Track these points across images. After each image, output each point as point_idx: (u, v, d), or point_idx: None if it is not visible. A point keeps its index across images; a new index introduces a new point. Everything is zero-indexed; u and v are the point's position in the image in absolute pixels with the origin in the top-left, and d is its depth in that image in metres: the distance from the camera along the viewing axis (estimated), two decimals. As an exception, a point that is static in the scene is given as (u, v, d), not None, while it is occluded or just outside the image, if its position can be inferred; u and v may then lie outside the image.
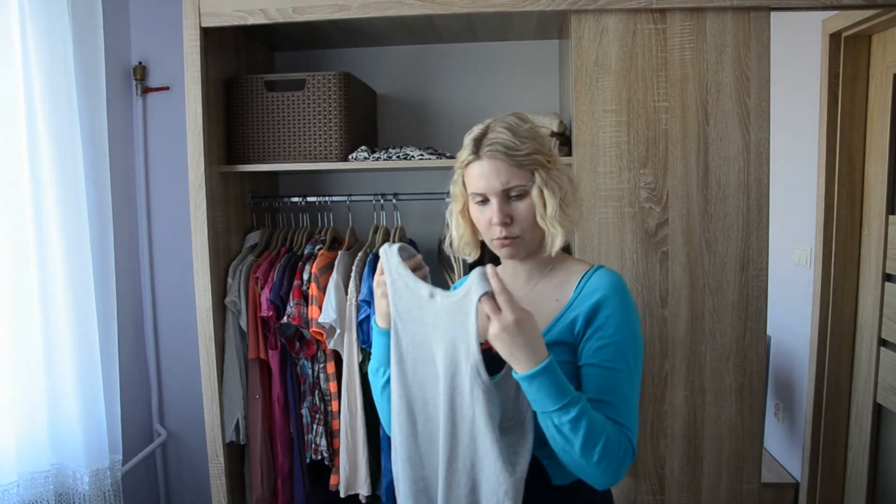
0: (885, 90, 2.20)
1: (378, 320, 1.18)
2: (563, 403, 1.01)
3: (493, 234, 1.17)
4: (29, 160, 1.79)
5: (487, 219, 1.16)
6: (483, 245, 1.28)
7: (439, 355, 1.08)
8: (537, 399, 1.02)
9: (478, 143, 1.16)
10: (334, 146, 1.96)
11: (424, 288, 1.10)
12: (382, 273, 1.14)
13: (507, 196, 1.15)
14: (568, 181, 1.18)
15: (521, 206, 1.15)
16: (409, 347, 1.12)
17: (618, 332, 1.10)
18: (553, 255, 1.19)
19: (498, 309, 1.00)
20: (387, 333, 1.16)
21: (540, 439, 1.11)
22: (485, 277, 1.01)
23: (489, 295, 1.01)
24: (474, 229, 1.24)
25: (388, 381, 1.17)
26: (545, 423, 1.03)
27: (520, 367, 1.01)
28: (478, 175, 1.15)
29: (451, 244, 1.29)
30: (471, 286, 1.02)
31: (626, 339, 1.11)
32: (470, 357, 1.03)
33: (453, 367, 1.06)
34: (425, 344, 1.10)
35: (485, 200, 1.16)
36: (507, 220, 1.15)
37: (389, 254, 1.13)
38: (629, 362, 1.10)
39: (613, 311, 1.12)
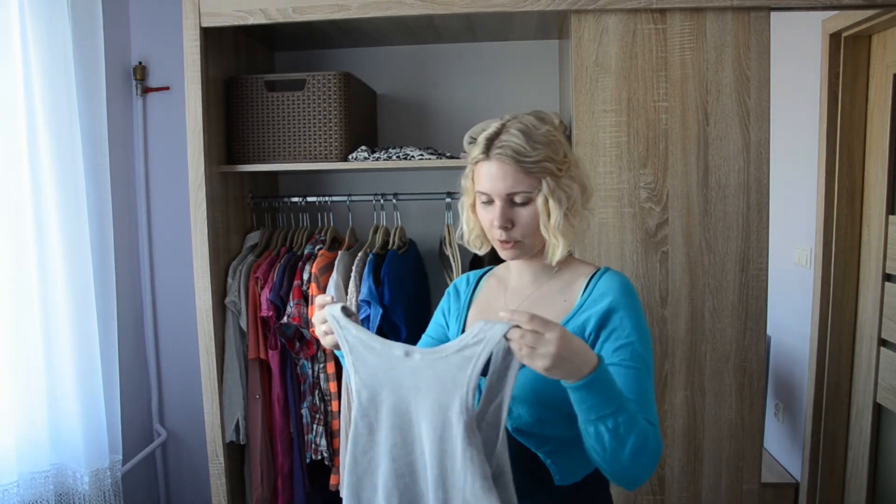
0: (885, 90, 2.20)
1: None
2: (619, 404, 0.99)
3: (494, 235, 1.18)
4: (29, 160, 1.79)
5: (490, 219, 1.16)
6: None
7: (423, 417, 0.99)
8: (594, 404, 0.97)
9: (490, 142, 1.15)
10: (334, 146, 1.96)
11: (398, 348, 1.01)
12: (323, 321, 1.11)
13: (510, 200, 1.14)
14: (580, 190, 1.17)
15: (523, 212, 1.14)
16: (379, 415, 1.03)
17: (632, 332, 1.11)
18: (553, 263, 1.19)
19: (536, 334, 0.94)
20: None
21: (543, 437, 1.11)
22: (501, 324, 0.95)
23: (514, 330, 0.94)
24: None
25: None
26: (594, 430, 0.99)
27: (577, 374, 0.96)
28: (485, 176, 1.15)
29: (461, 236, 1.28)
30: (479, 338, 0.95)
31: (640, 339, 1.11)
32: (464, 415, 0.95)
33: (441, 430, 0.97)
34: (400, 409, 1.02)
35: (490, 200, 1.16)
36: (508, 224, 1.14)
37: (336, 316, 1.06)
38: (645, 360, 1.11)
39: (627, 313, 1.12)
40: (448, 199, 2.07)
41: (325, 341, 1.12)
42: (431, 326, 1.34)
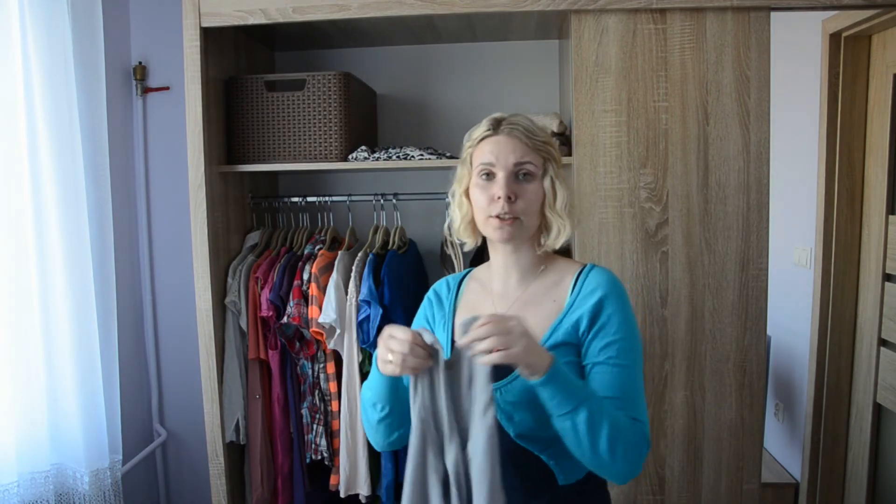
0: (885, 90, 2.20)
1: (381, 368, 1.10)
2: (583, 397, 1.02)
3: (491, 211, 1.15)
4: (29, 160, 1.79)
5: (490, 195, 1.15)
6: (480, 243, 1.27)
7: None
8: (560, 400, 1.01)
9: (497, 121, 1.18)
10: (334, 146, 1.96)
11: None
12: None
13: (515, 175, 1.15)
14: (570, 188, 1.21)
15: (528, 188, 1.15)
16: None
17: (620, 329, 1.11)
18: (556, 247, 1.19)
19: (502, 332, 0.98)
20: (388, 378, 1.11)
21: (546, 440, 1.11)
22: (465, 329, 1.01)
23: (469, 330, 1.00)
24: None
25: (386, 416, 1.15)
26: (566, 426, 1.02)
27: (538, 371, 1.00)
28: (490, 150, 1.16)
29: (449, 227, 1.27)
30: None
31: (628, 336, 1.12)
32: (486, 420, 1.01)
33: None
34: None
35: (490, 175, 1.16)
36: (512, 195, 1.14)
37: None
38: (633, 357, 1.11)
39: (615, 310, 1.12)
40: (448, 199, 2.07)
41: (388, 370, 1.06)
42: None
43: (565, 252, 1.27)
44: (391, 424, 1.16)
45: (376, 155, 1.96)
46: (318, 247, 2.06)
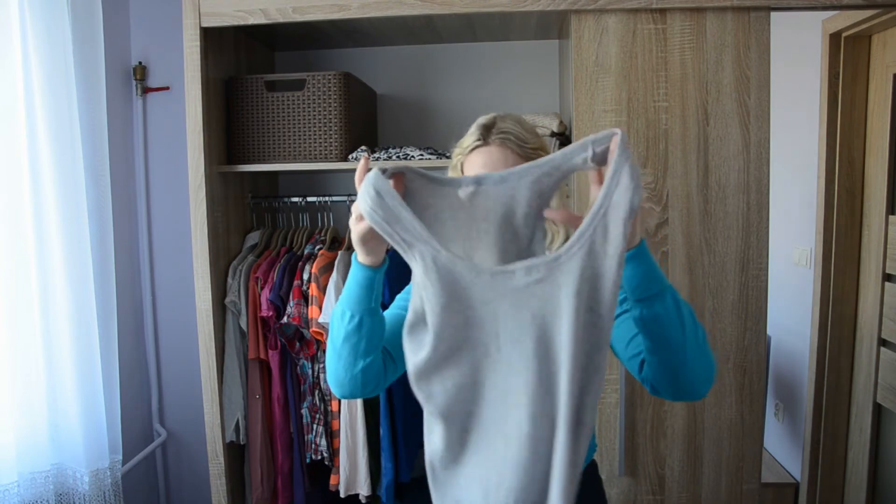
0: (885, 90, 2.20)
1: (360, 256, 1.02)
2: (665, 279, 0.96)
3: None
4: (29, 160, 1.79)
5: None
6: None
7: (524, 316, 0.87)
8: (653, 276, 0.93)
9: (487, 129, 1.14)
10: (334, 146, 1.96)
11: (454, 187, 0.89)
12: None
13: None
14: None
15: None
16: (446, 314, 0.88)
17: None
18: (553, 251, 1.18)
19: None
20: (368, 269, 1.01)
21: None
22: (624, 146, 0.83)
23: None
24: None
25: (359, 325, 1.02)
26: (654, 310, 0.93)
27: (638, 239, 0.93)
28: (483, 162, 1.13)
29: None
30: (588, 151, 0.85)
31: None
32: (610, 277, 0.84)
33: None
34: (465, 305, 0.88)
35: None
36: None
37: (376, 181, 0.86)
38: None
39: None
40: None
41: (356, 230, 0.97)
42: (397, 304, 1.21)
43: None
44: (357, 345, 1.03)
45: (376, 155, 1.96)
46: (318, 247, 2.06)
